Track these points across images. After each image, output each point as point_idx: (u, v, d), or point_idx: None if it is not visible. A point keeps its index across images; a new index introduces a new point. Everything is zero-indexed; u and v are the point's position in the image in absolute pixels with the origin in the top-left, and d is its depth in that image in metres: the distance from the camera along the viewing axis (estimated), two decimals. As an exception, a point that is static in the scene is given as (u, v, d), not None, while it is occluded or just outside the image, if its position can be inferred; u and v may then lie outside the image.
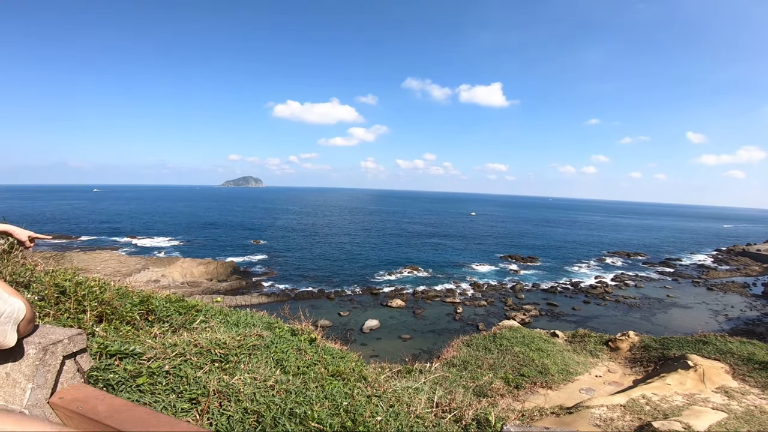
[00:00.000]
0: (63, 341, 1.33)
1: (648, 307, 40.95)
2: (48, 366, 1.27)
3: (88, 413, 1.20)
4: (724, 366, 8.16)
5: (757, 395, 6.15)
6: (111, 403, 1.25)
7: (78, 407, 1.23)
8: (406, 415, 3.04)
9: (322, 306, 37.67)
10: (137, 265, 44.08)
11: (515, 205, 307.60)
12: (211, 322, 3.69)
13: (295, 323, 4.38)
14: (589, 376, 8.32)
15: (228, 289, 41.55)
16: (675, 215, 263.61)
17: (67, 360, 1.36)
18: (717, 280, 54.34)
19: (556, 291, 45.86)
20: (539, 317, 36.29)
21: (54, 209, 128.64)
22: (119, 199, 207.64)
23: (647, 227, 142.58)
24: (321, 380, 3.13)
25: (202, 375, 2.41)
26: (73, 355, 1.39)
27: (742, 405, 5.77)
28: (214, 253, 57.74)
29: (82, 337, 1.42)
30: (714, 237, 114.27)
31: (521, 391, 7.12)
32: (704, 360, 8.33)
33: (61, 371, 1.33)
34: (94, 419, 1.18)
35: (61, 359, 1.32)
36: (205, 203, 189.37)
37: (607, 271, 58.60)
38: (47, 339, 1.30)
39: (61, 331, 1.38)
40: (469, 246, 76.42)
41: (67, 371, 1.36)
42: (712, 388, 6.45)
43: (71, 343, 1.37)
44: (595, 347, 10.05)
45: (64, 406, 1.25)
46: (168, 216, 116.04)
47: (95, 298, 3.30)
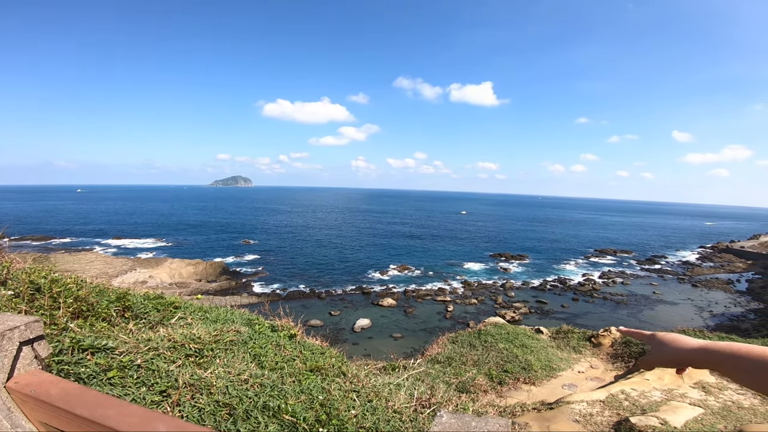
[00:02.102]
0: (20, 327, 1.35)
1: (635, 304, 41.60)
2: (4, 351, 1.29)
3: (41, 396, 1.23)
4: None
5: (735, 390, 6.28)
6: (64, 387, 1.27)
7: (31, 391, 1.26)
8: (384, 409, 3.07)
9: (313, 305, 37.59)
10: (124, 266, 43.47)
11: (505, 204, 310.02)
12: (189, 319, 3.67)
13: (275, 319, 4.39)
14: (571, 372, 8.44)
15: (217, 289, 41.22)
16: (661, 213, 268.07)
17: (24, 346, 1.37)
18: (702, 276, 55.37)
19: (545, 288, 46.35)
20: (529, 315, 36.65)
21: (37, 210, 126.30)
22: (105, 199, 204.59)
23: (634, 225, 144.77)
24: (298, 375, 3.14)
25: (175, 369, 2.41)
26: (30, 342, 1.40)
27: (719, 400, 5.88)
28: (203, 254, 57.22)
29: (39, 324, 1.43)
30: (698, 234, 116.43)
31: (504, 387, 7.20)
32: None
33: (17, 357, 1.34)
34: (46, 402, 1.21)
35: (18, 345, 1.34)
36: (193, 203, 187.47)
37: (595, 268, 59.39)
38: (5, 325, 1.32)
39: (18, 318, 1.39)
40: (460, 244, 76.84)
41: (24, 357, 1.37)
42: (690, 383, 6.58)
43: (28, 330, 1.38)
44: (578, 343, 10.18)
45: (19, 390, 1.27)
46: (155, 216, 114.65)
47: (71, 294, 3.27)
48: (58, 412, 1.16)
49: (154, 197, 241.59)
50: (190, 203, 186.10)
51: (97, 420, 1.08)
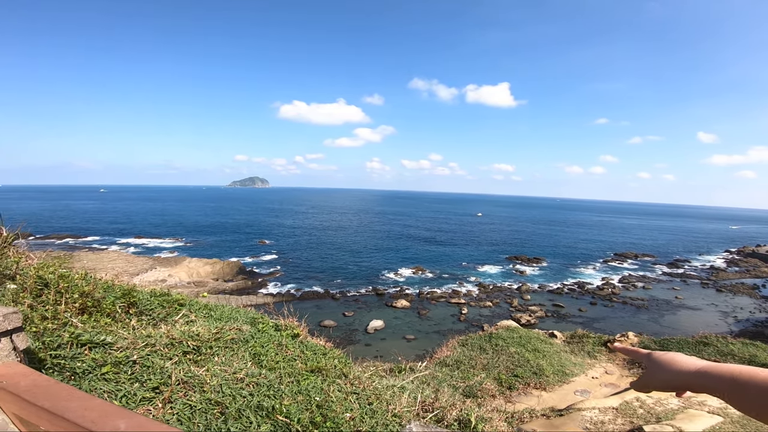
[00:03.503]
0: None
1: (656, 309, 40.47)
2: None
3: (9, 387, 1.24)
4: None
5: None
6: (34, 380, 1.28)
7: (2, 382, 1.26)
8: (384, 413, 3.02)
9: (327, 306, 37.74)
10: (144, 264, 44.52)
11: (522, 206, 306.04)
12: (193, 316, 3.69)
13: (279, 319, 4.38)
14: (585, 378, 8.20)
15: (234, 288, 41.79)
16: (684, 216, 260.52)
17: (2, 338, 1.38)
18: (726, 281, 53.56)
19: (562, 292, 45.50)
20: (545, 318, 36.02)
21: (62, 209, 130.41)
22: (126, 199, 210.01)
23: (655, 228, 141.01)
24: (297, 375, 3.11)
25: (170, 365, 2.41)
26: (8, 333, 1.40)
27: (739, 408, 5.62)
28: (221, 253, 58.11)
29: (18, 315, 1.43)
30: (723, 238, 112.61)
31: (514, 392, 7.02)
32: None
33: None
34: (15, 393, 1.21)
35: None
36: (212, 204, 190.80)
37: (614, 272, 58.02)
38: None
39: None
40: (475, 247, 76.13)
41: (2, 349, 1.38)
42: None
43: (6, 321, 1.38)
44: (593, 348, 9.90)
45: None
46: (175, 216, 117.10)
47: (77, 290, 3.32)
48: (25, 404, 1.17)
49: (173, 197, 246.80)
50: (209, 204, 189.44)
51: (57, 412, 1.08)
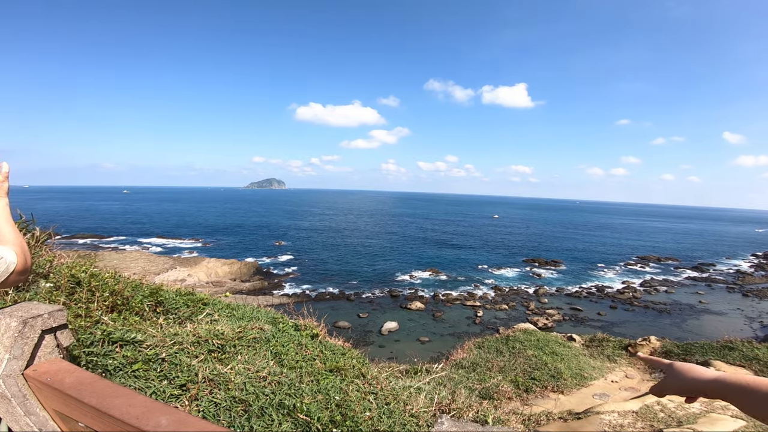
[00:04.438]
0: (43, 316, 1.41)
1: (678, 313, 39.37)
2: (26, 339, 1.35)
3: (54, 384, 1.29)
4: (749, 373, 7.74)
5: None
6: (78, 377, 1.32)
7: (47, 379, 1.31)
8: (401, 413, 3.05)
9: (342, 307, 37.92)
10: (165, 264, 45.54)
11: (540, 208, 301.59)
12: (216, 315, 3.80)
13: (299, 319, 4.46)
14: (604, 381, 8.05)
15: (251, 289, 42.38)
16: (709, 218, 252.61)
17: (46, 335, 1.43)
18: (753, 285, 51.76)
19: (580, 295, 44.65)
20: (562, 322, 35.41)
21: (87, 209, 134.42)
22: (148, 200, 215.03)
23: (679, 231, 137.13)
24: (317, 374, 3.18)
25: (196, 363, 2.50)
26: (53, 330, 1.46)
27: (765, 412, 5.46)
28: (238, 254, 59.00)
29: (63, 313, 1.50)
30: (750, 241, 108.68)
31: (531, 395, 6.96)
32: (728, 366, 7.93)
33: (39, 345, 1.40)
34: (59, 390, 1.26)
35: (40, 333, 1.39)
36: (229, 205, 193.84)
37: (635, 275, 56.66)
38: (28, 313, 1.38)
39: (42, 307, 1.46)
40: (491, 249, 75.39)
41: (46, 346, 1.43)
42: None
43: (51, 318, 1.44)
44: (613, 352, 9.71)
45: (36, 378, 1.33)
46: (195, 217, 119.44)
47: (108, 289, 3.46)
48: (70, 401, 1.22)
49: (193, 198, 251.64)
50: (226, 205, 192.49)
51: (103, 409, 1.13)
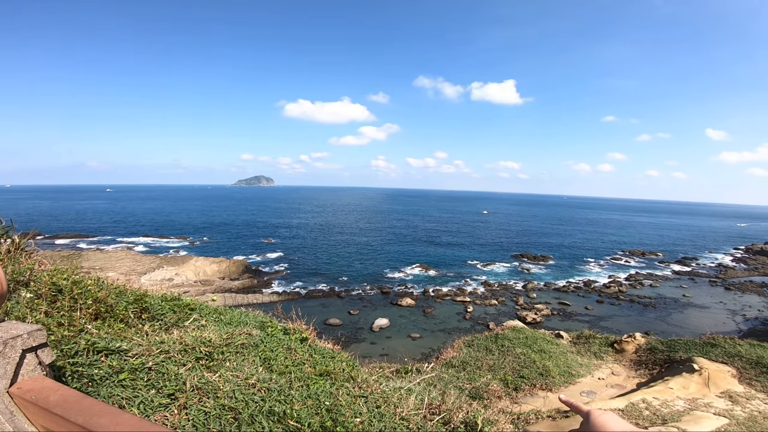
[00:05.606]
0: (23, 336, 1.44)
1: (663, 307, 40.25)
2: (8, 358, 1.38)
3: (40, 402, 1.31)
4: (730, 370, 7.91)
5: (763, 400, 5.98)
6: (63, 394, 1.35)
7: (32, 397, 1.34)
8: (392, 416, 3.05)
9: (333, 304, 37.92)
10: (152, 263, 44.88)
11: (528, 204, 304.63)
12: (204, 321, 3.76)
13: (287, 322, 4.44)
14: (591, 379, 8.19)
15: (240, 287, 42.07)
16: (693, 213, 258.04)
17: (27, 353, 1.46)
18: (735, 279, 53.09)
19: (568, 290, 45.35)
20: (551, 317, 35.93)
21: (70, 209, 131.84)
22: (134, 198, 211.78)
23: (663, 226, 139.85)
24: (307, 379, 3.17)
25: (184, 372, 2.47)
26: (34, 349, 1.49)
27: (746, 410, 5.61)
28: (227, 252, 58.51)
29: (42, 332, 1.53)
30: (732, 236, 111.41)
31: (520, 394, 7.04)
32: (711, 363, 8.10)
33: (21, 363, 1.43)
34: (45, 408, 1.28)
35: (21, 352, 1.42)
36: (217, 203, 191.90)
37: (621, 270, 57.70)
38: (8, 333, 1.41)
39: (21, 327, 1.49)
40: (481, 245, 75.99)
41: (27, 364, 1.46)
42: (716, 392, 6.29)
43: (30, 338, 1.46)
44: (600, 349, 9.87)
45: (21, 396, 1.36)
46: (182, 215, 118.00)
47: (91, 296, 3.39)
48: (56, 419, 1.23)
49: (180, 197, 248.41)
50: (215, 203, 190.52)
51: (90, 428, 1.14)
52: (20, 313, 2.70)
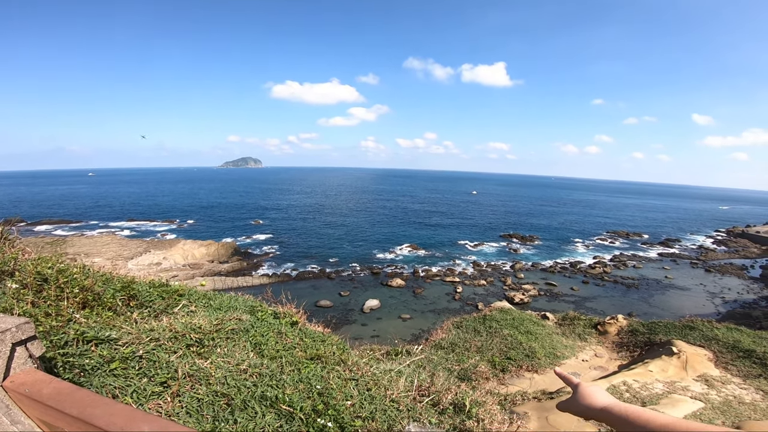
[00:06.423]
0: (11, 329, 1.43)
1: (646, 288, 41.31)
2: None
3: (34, 395, 1.32)
4: (707, 353, 8.17)
5: (738, 385, 6.22)
6: (56, 387, 1.36)
7: (26, 390, 1.35)
8: (382, 398, 3.12)
9: (323, 286, 38.12)
10: (138, 248, 44.36)
11: (517, 184, 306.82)
12: (193, 307, 3.75)
13: (277, 306, 4.46)
14: (575, 360, 8.46)
15: (229, 270, 41.96)
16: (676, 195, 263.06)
17: (17, 347, 1.46)
18: (715, 261, 54.55)
19: (555, 271, 46.21)
20: (538, 297, 36.68)
21: (52, 194, 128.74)
22: (118, 182, 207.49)
23: (648, 207, 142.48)
24: (298, 364, 3.20)
25: (175, 359, 2.48)
26: (23, 343, 1.49)
27: (721, 395, 5.84)
28: (215, 235, 58.07)
29: (30, 325, 1.53)
30: (713, 218, 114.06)
31: (507, 375, 7.26)
32: (689, 346, 8.36)
33: (12, 357, 1.43)
34: (39, 401, 1.30)
35: (11, 346, 1.43)
36: (204, 185, 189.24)
37: (606, 251, 58.89)
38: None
39: (9, 320, 1.48)
40: (470, 225, 76.63)
41: (18, 357, 1.47)
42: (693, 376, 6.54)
43: (19, 331, 1.46)
44: (584, 330, 10.16)
45: (14, 389, 1.37)
46: (168, 198, 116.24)
47: (77, 285, 3.35)
48: (51, 411, 1.25)
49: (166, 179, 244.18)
50: (202, 185, 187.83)
51: (85, 419, 1.16)
52: (7, 304, 2.67)
